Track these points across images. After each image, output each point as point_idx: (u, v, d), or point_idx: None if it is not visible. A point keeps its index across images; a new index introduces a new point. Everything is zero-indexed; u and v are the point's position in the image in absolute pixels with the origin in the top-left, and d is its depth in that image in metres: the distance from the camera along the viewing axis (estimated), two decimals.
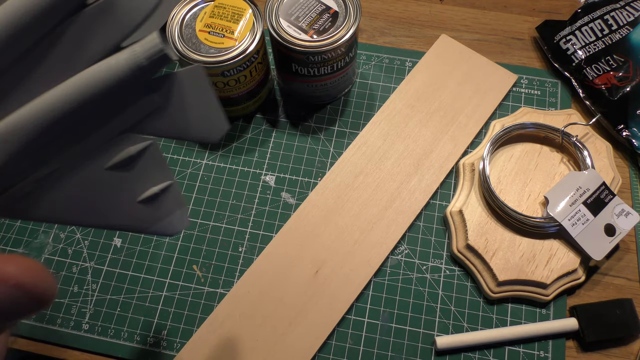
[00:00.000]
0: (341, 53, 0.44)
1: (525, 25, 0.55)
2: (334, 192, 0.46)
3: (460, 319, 0.42)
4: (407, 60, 0.53)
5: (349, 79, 0.50)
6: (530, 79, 0.52)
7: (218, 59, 0.42)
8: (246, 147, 0.50)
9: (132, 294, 0.44)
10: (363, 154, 0.48)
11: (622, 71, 0.49)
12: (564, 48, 0.51)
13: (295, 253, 0.44)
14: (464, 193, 0.46)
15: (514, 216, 0.43)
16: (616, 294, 0.43)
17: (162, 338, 0.42)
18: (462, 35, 0.55)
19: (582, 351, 0.41)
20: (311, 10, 0.44)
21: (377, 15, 0.57)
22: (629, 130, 0.47)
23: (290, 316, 0.42)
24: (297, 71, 0.46)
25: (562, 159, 0.46)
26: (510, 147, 0.47)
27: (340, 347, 0.42)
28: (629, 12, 0.51)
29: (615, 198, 0.43)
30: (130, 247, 0.46)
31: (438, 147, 0.48)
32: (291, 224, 0.45)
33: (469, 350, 0.41)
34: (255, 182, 0.48)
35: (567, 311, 0.42)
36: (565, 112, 0.48)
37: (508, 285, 0.42)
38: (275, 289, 0.43)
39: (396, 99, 0.50)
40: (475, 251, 0.43)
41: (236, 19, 0.43)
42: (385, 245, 0.44)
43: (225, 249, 0.45)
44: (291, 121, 0.51)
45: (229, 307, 0.42)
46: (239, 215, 0.47)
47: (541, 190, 0.45)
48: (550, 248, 0.43)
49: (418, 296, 0.43)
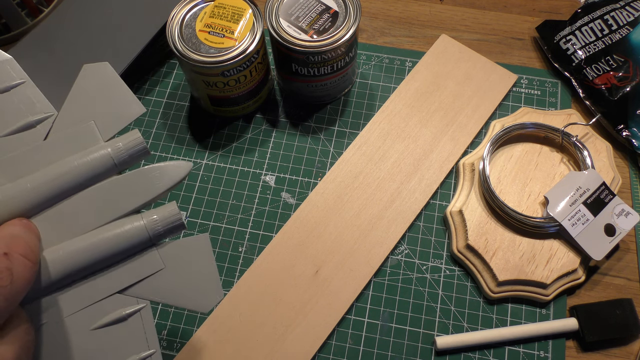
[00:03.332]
0: (341, 53, 0.44)
1: (525, 25, 0.55)
2: (334, 192, 0.46)
3: (460, 319, 0.42)
4: (407, 60, 0.53)
5: (349, 79, 0.50)
6: (530, 79, 0.52)
7: (218, 59, 0.42)
8: (246, 147, 0.50)
9: None
10: (363, 154, 0.48)
11: (622, 71, 0.49)
12: (564, 48, 0.51)
13: (295, 253, 0.44)
14: (464, 193, 0.46)
15: (514, 216, 0.43)
16: (616, 294, 0.43)
17: (162, 338, 0.42)
18: (462, 35, 0.55)
19: (582, 351, 0.41)
20: (311, 10, 0.44)
21: (377, 15, 0.57)
22: (629, 130, 0.47)
23: (290, 316, 0.42)
24: (297, 71, 0.46)
25: (562, 159, 0.46)
26: (510, 147, 0.47)
27: (340, 347, 0.42)
28: (629, 12, 0.51)
29: (615, 198, 0.43)
30: None
31: (438, 147, 0.48)
32: (291, 224, 0.45)
33: (469, 350, 0.41)
34: (255, 182, 0.48)
35: (567, 311, 0.42)
36: (565, 112, 0.48)
37: (508, 285, 0.42)
38: (275, 289, 0.43)
39: (396, 99, 0.50)
40: (475, 251, 0.43)
41: (236, 19, 0.43)
42: (385, 245, 0.44)
43: (225, 249, 0.45)
44: (291, 121, 0.51)
45: (229, 307, 0.42)
46: (239, 215, 0.47)
47: (541, 190, 0.45)
48: (550, 248, 0.43)
49: (418, 296, 0.43)
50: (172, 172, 0.28)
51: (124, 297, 0.27)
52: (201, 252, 0.28)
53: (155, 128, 0.51)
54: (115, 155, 0.27)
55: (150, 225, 0.27)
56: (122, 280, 0.26)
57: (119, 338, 0.26)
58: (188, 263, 0.27)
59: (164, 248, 0.27)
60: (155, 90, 0.53)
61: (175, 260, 0.27)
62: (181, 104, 0.52)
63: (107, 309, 0.26)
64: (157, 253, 0.27)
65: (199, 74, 0.44)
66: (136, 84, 0.53)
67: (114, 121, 0.28)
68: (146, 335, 0.27)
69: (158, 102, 0.52)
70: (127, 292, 0.27)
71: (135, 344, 0.26)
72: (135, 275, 0.27)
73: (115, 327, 0.26)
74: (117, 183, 0.27)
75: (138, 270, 0.27)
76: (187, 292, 0.27)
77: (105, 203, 0.27)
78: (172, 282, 0.27)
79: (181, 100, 0.52)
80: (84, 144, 0.27)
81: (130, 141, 0.27)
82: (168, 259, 0.27)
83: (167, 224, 0.27)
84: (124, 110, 0.28)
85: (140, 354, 0.26)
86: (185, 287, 0.27)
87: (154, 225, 0.27)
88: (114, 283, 0.26)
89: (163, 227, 0.27)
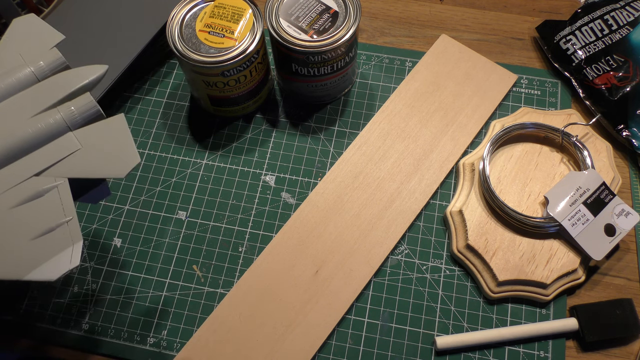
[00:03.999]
0: (341, 53, 0.44)
1: (525, 25, 0.55)
2: (334, 192, 0.46)
3: (460, 319, 0.42)
4: (407, 60, 0.53)
5: (349, 79, 0.50)
6: (530, 79, 0.52)
7: (218, 59, 0.42)
8: (246, 147, 0.50)
9: (132, 294, 0.44)
10: (363, 154, 0.48)
11: (622, 71, 0.49)
12: (564, 48, 0.51)
13: (295, 253, 0.44)
14: (464, 193, 0.46)
15: (514, 216, 0.43)
16: (616, 294, 0.43)
17: (162, 338, 0.42)
18: (462, 35, 0.55)
19: (582, 351, 0.41)
20: (311, 10, 0.44)
21: (377, 15, 0.57)
22: (629, 130, 0.47)
23: (290, 316, 0.42)
24: (297, 71, 0.46)
25: (562, 159, 0.46)
26: (510, 147, 0.47)
27: (340, 347, 0.42)
28: (629, 12, 0.51)
29: (615, 198, 0.43)
30: (130, 247, 0.46)
31: (438, 147, 0.48)
32: (291, 224, 0.45)
33: (469, 350, 0.41)
34: (255, 182, 0.48)
35: (567, 311, 0.42)
36: (565, 112, 0.48)
37: (508, 285, 0.42)
38: (275, 289, 0.43)
39: (396, 99, 0.50)
40: (475, 251, 0.43)
41: (236, 19, 0.43)
42: (385, 245, 0.44)
43: (225, 249, 0.45)
44: (291, 121, 0.51)
45: (229, 307, 0.42)
46: (239, 215, 0.47)
47: (541, 190, 0.45)
48: (550, 248, 0.43)
49: (418, 296, 0.43)
50: (87, 73, 0.30)
51: (42, 179, 0.28)
52: (117, 129, 0.29)
53: (155, 128, 0.51)
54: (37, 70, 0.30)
55: (67, 116, 0.28)
56: (39, 164, 0.28)
57: (37, 212, 0.28)
58: (104, 140, 0.29)
59: (80, 130, 0.29)
60: (155, 90, 0.53)
61: (91, 139, 0.29)
62: (181, 104, 0.52)
63: (25, 190, 0.28)
64: (73, 135, 0.29)
65: (199, 74, 0.44)
66: (136, 84, 0.53)
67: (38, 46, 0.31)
68: (63, 206, 0.28)
69: (158, 102, 0.52)
70: (45, 174, 0.28)
71: (53, 214, 0.28)
72: (52, 158, 0.28)
73: (32, 203, 0.28)
74: (37, 87, 0.29)
75: (54, 153, 0.28)
76: (104, 164, 0.29)
77: (26, 102, 0.29)
78: (88, 158, 0.29)
79: (181, 100, 0.52)
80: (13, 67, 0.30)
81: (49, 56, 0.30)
82: (84, 139, 0.29)
83: (83, 111, 0.29)
84: (45, 38, 0.31)
85: (58, 221, 0.28)
86: (101, 160, 0.29)
87: (71, 115, 0.29)
88: (31, 167, 0.28)
89: (80, 115, 0.29)
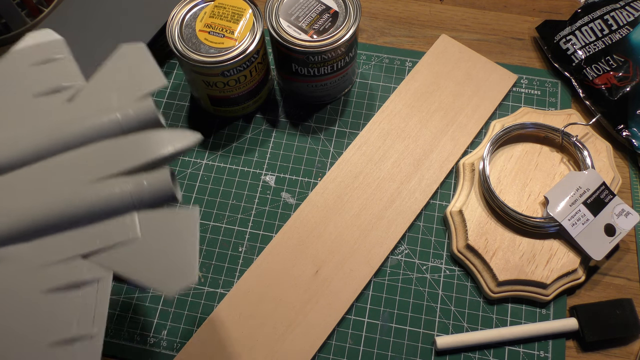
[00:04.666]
0: (341, 53, 0.44)
1: (525, 25, 0.55)
2: (334, 192, 0.46)
3: (460, 319, 0.42)
4: (407, 60, 0.53)
5: (349, 79, 0.50)
6: (530, 79, 0.52)
7: (218, 59, 0.42)
8: (246, 147, 0.50)
9: (132, 294, 0.44)
10: (363, 154, 0.48)
11: (622, 71, 0.49)
12: (564, 48, 0.51)
13: (295, 253, 0.44)
14: (464, 193, 0.46)
15: (514, 216, 0.43)
16: (616, 294, 0.43)
17: (162, 338, 0.42)
18: (462, 35, 0.55)
19: (582, 351, 0.41)
20: (311, 10, 0.44)
21: (377, 15, 0.57)
22: (629, 130, 0.47)
23: (290, 316, 0.42)
24: (297, 71, 0.46)
25: (562, 159, 0.46)
26: (510, 147, 0.47)
27: (340, 347, 0.42)
28: (629, 12, 0.51)
29: (615, 198, 0.43)
30: None
31: (438, 147, 0.48)
32: (291, 224, 0.45)
33: (469, 350, 0.41)
34: (255, 182, 0.48)
35: (567, 311, 0.42)
36: (565, 112, 0.48)
37: (508, 285, 0.42)
38: (275, 289, 0.43)
39: (396, 99, 0.50)
40: (475, 251, 0.43)
41: (236, 19, 0.43)
42: (385, 245, 0.44)
43: (225, 249, 0.45)
44: (291, 121, 0.51)
45: (229, 307, 0.42)
46: (239, 215, 0.47)
47: (541, 190, 0.45)
48: (550, 248, 0.43)
49: (418, 296, 0.43)
50: (176, 138, 0.25)
51: (87, 264, 0.23)
52: (186, 228, 0.24)
53: None
54: (124, 118, 0.26)
55: (137, 190, 0.23)
56: (89, 243, 0.23)
57: (67, 308, 0.23)
58: (168, 237, 0.23)
59: (146, 214, 0.24)
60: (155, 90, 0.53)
61: (154, 231, 0.24)
62: (181, 104, 0.52)
63: (64, 272, 0.23)
64: (136, 218, 0.24)
65: (199, 74, 0.44)
66: None
67: (134, 90, 0.29)
68: (94, 313, 0.23)
69: (158, 102, 0.52)
70: (92, 258, 0.23)
71: (82, 319, 0.23)
72: (105, 240, 0.23)
73: (65, 293, 0.23)
74: (116, 143, 0.25)
75: (109, 234, 0.23)
76: (157, 270, 0.23)
77: (100, 159, 0.24)
78: (143, 255, 0.23)
79: (181, 100, 0.52)
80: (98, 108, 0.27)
81: (141, 107, 0.27)
82: (146, 227, 0.24)
83: (155, 190, 0.24)
84: (145, 81, 0.29)
85: (83, 331, 0.23)
86: (156, 263, 0.23)
87: (140, 191, 0.23)
88: (80, 244, 0.23)
89: (150, 193, 0.23)
